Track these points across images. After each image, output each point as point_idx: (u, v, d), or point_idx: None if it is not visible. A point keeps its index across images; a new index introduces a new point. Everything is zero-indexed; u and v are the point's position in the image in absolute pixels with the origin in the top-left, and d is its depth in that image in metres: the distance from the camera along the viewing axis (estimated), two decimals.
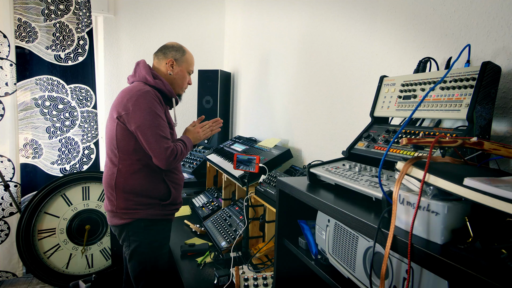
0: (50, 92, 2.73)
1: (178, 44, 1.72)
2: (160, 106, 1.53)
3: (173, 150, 1.50)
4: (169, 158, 1.48)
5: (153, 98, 1.51)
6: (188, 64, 1.72)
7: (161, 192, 1.58)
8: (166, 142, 1.49)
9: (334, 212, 0.84)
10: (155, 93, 1.54)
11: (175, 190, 1.64)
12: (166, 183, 1.59)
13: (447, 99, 0.91)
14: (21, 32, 2.60)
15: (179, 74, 1.70)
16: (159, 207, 1.58)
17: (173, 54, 1.67)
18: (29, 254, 2.57)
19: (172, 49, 1.69)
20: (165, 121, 1.53)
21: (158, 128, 1.48)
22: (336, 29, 1.71)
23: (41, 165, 2.76)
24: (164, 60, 1.67)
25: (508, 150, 0.68)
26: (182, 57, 1.69)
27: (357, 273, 0.82)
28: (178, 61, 1.68)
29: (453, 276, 0.52)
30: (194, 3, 3.32)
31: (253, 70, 2.78)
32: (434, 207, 0.59)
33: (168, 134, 1.53)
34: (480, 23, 1.02)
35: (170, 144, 1.50)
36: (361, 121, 1.53)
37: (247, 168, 1.74)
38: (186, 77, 1.74)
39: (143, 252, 1.55)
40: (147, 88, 1.53)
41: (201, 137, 1.76)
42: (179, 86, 1.73)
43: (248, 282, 1.41)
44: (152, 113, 1.48)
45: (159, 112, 1.51)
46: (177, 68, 1.68)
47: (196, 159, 2.83)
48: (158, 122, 1.49)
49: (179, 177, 1.69)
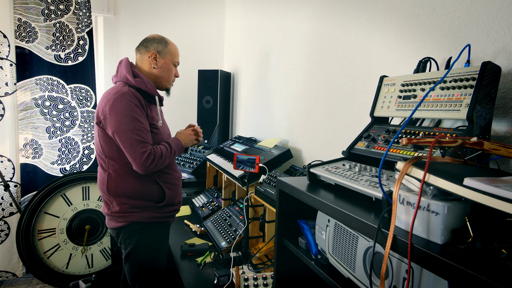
0: (50, 92, 2.73)
1: (159, 36, 1.64)
2: (138, 108, 1.45)
3: (149, 155, 1.42)
4: (145, 163, 1.41)
5: (131, 99, 1.44)
6: (172, 56, 1.63)
7: (155, 193, 1.53)
8: (142, 146, 1.42)
9: (334, 212, 0.84)
10: (134, 93, 1.47)
11: (170, 190, 1.58)
12: (158, 184, 1.54)
13: (447, 99, 0.91)
14: (21, 32, 2.60)
15: (164, 66, 1.61)
16: (155, 209, 1.54)
17: (155, 47, 1.59)
18: (29, 254, 2.57)
19: (154, 41, 1.60)
20: (143, 123, 1.46)
21: (134, 132, 1.41)
22: (336, 29, 1.71)
23: (41, 165, 2.76)
24: (147, 53, 1.59)
25: (508, 150, 0.68)
26: (165, 49, 1.61)
27: (357, 273, 0.82)
28: (161, 53, 1.60)
29: (453, 276, 0.52)
30: (194, 3, 3.32)
31: (253, 70, 2.78)
32: (434, 207, 0.59)
33: (146, 137, 1.45)
34: (480, 23, 1.02)
35: (147, 148, 1.43)
36: (361, 121, 1.54)
37: (247, 168, 1.74)
38: (171, 69, 1.64)
39: (139, 255, 1.53)
40: (125, 90, 1.46)
41: (192, 140, 1.70)
42: (165, 80, 1.64)
43: (248, 282, 1.41)
44: (127, 116, 1.41)
45: (136, 115, 1.43)
46: (161, 61, 1.60)
47: (196, 159, 2.83)
48: (134, 125, 1.42)
49: (174, 176, 1.63)
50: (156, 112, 1.60)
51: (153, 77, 1.60)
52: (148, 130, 1.48)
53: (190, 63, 3.33)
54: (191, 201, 2.60)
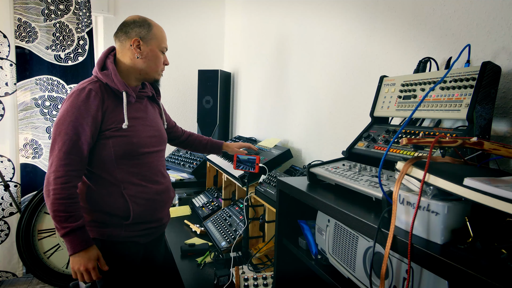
0: (50, 92, 2.73)
1: (141, 17, 1.37)
2: (89, 112, 1.22)
3: (49, 183, 1.18)
4: (46, 187, 1.19)
5: (80, 99, 1.22)
6: (158, 41, 1.37)
7: (120, 208, 1.30)
8: (54, 166, 1.18)
9: (334, 212, 0.84)
10: (95, 90, 1.25)
11: (139, 206, 1.33)
12: (124, 198, 1.30)
13: (447, 99, 0.91)
14: (21, 32, 2.60)
15: (150, 54, 1.35)
16: (121, 227, 1.32)
17: (137, 32, 1.33)
18: (29, 254, 2.57)
19: (135, 25, 1.33)
20: (79, 136, 1.20)
21: (57, 141, 1.20)
22: (336, 29, 1.71)
23: (41, 165, 2.76)
24: (128, 41, 1.33)
25: (508, 150, 0.68)
26: (148, 33, 1.34)
27: (357, 273, 0.82)
28: (145, 39, 1.34)
29: (453, 276, 0.52)
30: (194, 3, 3.32)
31: (253, 70, 2.78)
32: (434, 207, 0.59)
33: (73, 151, 1.19)
34: (480, 23, 1.02)
35: (54, 173, 1.18)
36: (361, 121, 1.53)
37: (247, 168, 1.74)
38: (159, 57, 1.39)
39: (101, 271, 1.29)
40: (84, 86, 1.26)
41: (79, 268, 1.21)
42: (152, 70, 1.38)
43: (248, 282, 1.41)
44: (61, 121, 1.21)
45: (77, 121, 1.20)
46: (146, 48, 1.34)
47: (196, 159, 2.83)
48: (65, 132, 1.19)
49: (148, 189, 1.36)
50: (123, 112, 1.32)
51: (138, 69, 1.36)
52: (82, 143, 1.22)
53: (190, 63, 3.33)
54: (191, 201, 2.60)
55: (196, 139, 1.88)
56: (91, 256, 1.22)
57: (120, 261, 1.35)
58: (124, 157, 1.31)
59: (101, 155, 1.29)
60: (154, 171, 1.40)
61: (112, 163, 1.29)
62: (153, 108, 1.51)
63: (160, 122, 1.53)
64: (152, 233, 1.45)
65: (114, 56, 1.37)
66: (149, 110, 1.46)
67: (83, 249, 1.20)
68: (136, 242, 1.38)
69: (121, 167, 1.31)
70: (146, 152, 1.37)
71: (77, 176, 1.23)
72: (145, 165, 1.37)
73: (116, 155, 1.29)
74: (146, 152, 1.37)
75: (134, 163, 1.34)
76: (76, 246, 1.19)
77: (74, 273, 1.23)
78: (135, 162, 1.34)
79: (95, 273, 1.23)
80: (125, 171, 1.32)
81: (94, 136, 1.26)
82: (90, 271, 1.22)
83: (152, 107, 1.49)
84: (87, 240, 1.22)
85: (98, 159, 1.29)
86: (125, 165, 1.32)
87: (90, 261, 1.21)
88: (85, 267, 1.21)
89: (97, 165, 1.30)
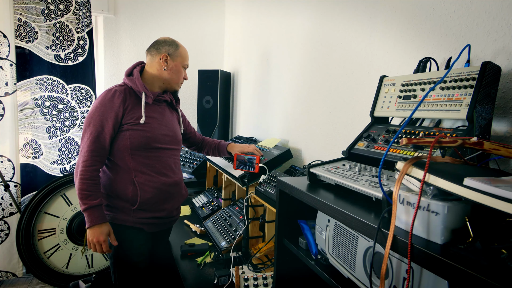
0: (50, 92, 2.73)
1: (170, 39, 1.66)
2: (112, 108, 1.46)
3: (78, 165, 1.43)
4: (76, 169, 1.45)
5: (107, 98, 1.47)
6: (182, 59, 1.67)
7: (129, 194, 1.50)
8: (83, 151, 1.44)
9: (334, 212, 0.84)
10: (120, 91, 1.50)
11: (146, 193, 1.51)
12: (134, 184, 1.50)
13: (447, 99, 0.91)
14: (21, 32, 2.60)
15: (174, 69, 1.64)
16: (129, 212, 1.51)
17: (167, 49, 1.62)
18: (29, 254, 2.56)
19: (165, 44, 1.63)
20: (103, 127, 1.45)
21: (87, 131, 1.45)
22: (336, 29, 1.71)
23: (41, 165, 2.76)
24: (158, 55, 1.61)
25: (508, 150, 0.67)
26: (175, 52, 1.63)
27: (357, 273, 0.82)
28: (172, 56, 1.62)
29: (453, 276, 0.52)
30: (194, 3, 3.32)
31: (253, 70, 2.78)
32: (434, 207, 0.59)
33: (98, 140, 1.44)
34: (480, 23, 1.02)
35: (82, 157, 1.43)
36: (361, 121, 1.54)
37: (247, 168, 1.74)
38: (181, 72, 1.68)
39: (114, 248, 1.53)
40: (112, 88, 1.52)
41: (94, 240, 1.45)
42: (174, 81, 1.66)
43: (248, 282, 1.41)
44: (90, 115, 1.46)
45: (103, 115, 1.45)
46: (172, 63, 1.62)
47: (196, 159, 2.83)
48: (93, 124, 1.45)
49: (157, 179, 1.55)
50: (141, 110, 1.54)
51: (162, 79, 1.62)
52: (107, 134, 1.46)
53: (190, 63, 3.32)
54: (191, 201, 2.60)
55: (208, 142, 2.05)
56: (103, 231, 1.44)
57: (129, 245, 1.53)
58: (138, 148, 1.51)
59: (119, 145, 1.50)
60: (164, 165, 1.59)
61: (127, 152, 1.50)
62: (171, 113, 1.72)
63: (176, 125, 1.73)
64: (159, 224, 1.61)
65: (142, 68, 1.64)
66: (166, 113, 1.67)
67: (98, 223, 1.43)
68: (142, 230, 1.55)
69: (135, 157, 1.51)
70: (158, 147, 1.56)
71: (100, 161, 1.47)
72: (156, 158, 1.56)
73: (132, 146, 1.50)
74: (158, 147, 1.56)
75: (147, 155, 1.53)
76: (92, 220, 1.42)
77: (89, 244, 1.46)
78: (148, 155, 1.53)
79: (105, 246, 1.45)
80: (138, 161, 1.51)
81: (116, 127, 1.48)
82: (102, 244, 1.44)
83: (170, 112, 1.71)
84: (102, 217, 1.44)
85: (116, 148, 1.50)
86: (139, 156, 1.51)
87: (102, 234, 1.43)
88: (97, 239, 1.43)
89: (115, 154, 1.50)
